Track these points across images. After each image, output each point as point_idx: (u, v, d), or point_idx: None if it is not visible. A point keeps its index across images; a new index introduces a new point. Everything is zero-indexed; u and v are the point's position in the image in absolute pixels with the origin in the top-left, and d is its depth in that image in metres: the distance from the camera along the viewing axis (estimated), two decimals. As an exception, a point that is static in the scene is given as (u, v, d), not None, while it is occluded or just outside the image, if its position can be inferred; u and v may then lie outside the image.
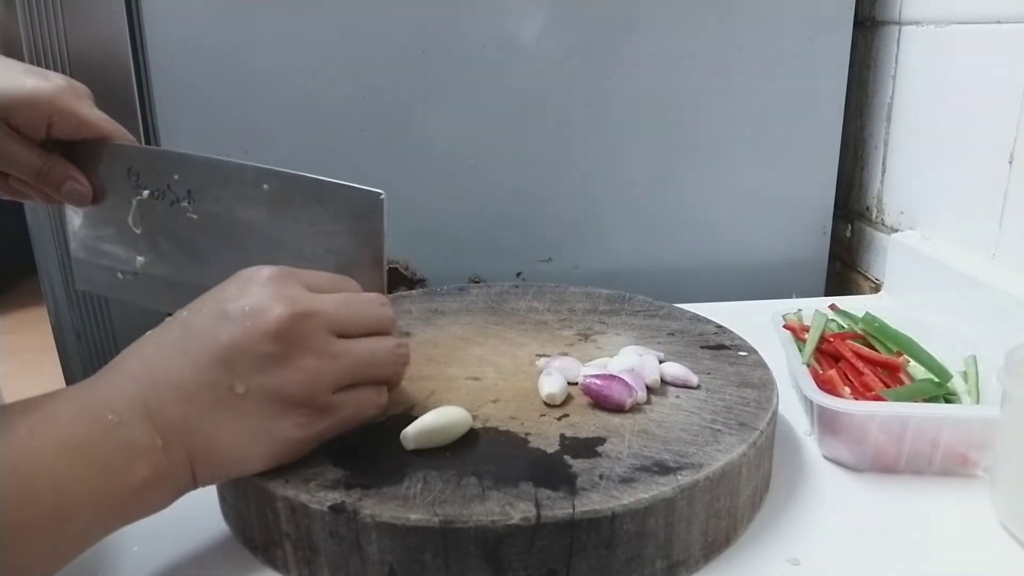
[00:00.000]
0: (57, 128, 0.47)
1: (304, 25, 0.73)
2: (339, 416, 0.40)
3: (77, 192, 0.50)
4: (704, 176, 0.83)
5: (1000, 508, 0.45)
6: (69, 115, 0.47)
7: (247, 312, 0.37)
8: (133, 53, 0.71)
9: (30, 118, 0.46)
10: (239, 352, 0.37)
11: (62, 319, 0.78)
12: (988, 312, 0.63)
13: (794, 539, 0.44)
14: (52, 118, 0.47)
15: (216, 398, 0.37)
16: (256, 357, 0.37)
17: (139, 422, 0.35)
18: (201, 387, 0.37)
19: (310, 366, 0.38)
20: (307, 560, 0.39)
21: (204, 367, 0.37)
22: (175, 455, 0.36)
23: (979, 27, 0.68)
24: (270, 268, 0.40)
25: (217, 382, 0.37)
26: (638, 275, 0.84)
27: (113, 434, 0.35)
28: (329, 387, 0.39)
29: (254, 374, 0.37)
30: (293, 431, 0.39)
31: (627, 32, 0.77)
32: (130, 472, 0.35)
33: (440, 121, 0.78)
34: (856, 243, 0.90)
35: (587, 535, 0.37)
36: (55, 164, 0.49)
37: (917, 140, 0.78)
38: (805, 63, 0.81)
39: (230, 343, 0.37)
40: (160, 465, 0.36)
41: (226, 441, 0.37)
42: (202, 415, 0.37)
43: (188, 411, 0.36)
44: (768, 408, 0.46)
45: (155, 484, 0.36)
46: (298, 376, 0.38)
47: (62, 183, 0.49)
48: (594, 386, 0.47)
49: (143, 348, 0.38)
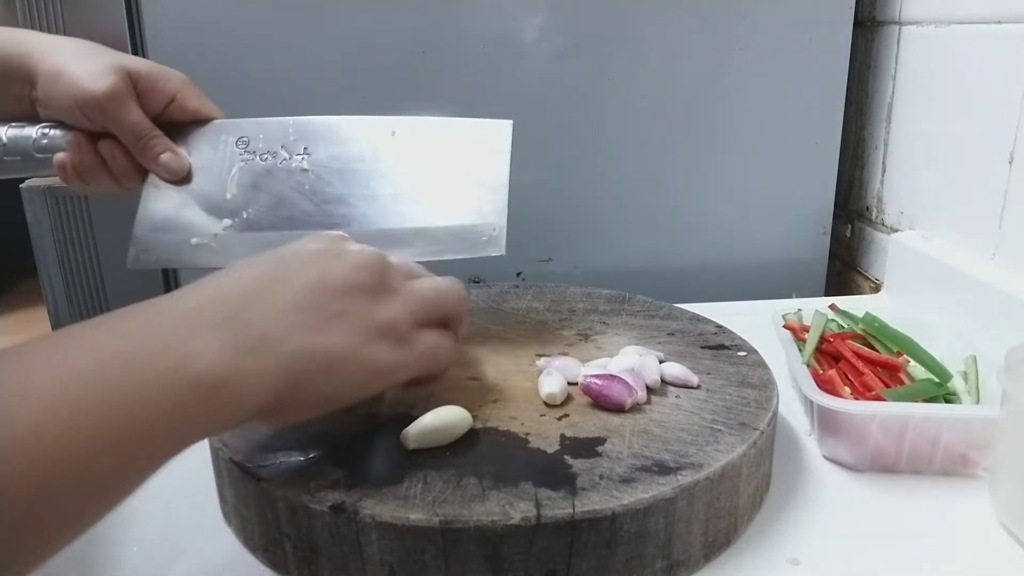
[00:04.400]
0: (176, 106, 0.53)
1: (304, 25, 0.73)
2: (419, 351, 0.41)
3: (176, 162, 0.53)
4: (704, 176, 0.83)
5: (1000, 508, 0.45)
6: (194, 97, 0.54)
7: (352, 252, 0.40)
8: (133, 52, 0.71)
9: (159, 88, 0.52)
10: (333, 277, 0.38)
11: (62, 319, 0.78)
12: (988, 312, 0.63)
13: (794, 539, 0.44)
14: (178, 95, 0.53)
15: (319, 317, 0.37)
16: (348, 282, 0.38)
17: (224, 326, 0.33)
18: (304, 306, 0.37)
19: (392, 296, 0.40)
20: (307, 560, 0.39)
21: (311, 287, 0.37)
22: (261, 362, 0.34)
23: (979, 27, 0.68)
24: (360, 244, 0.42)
25: (322, 303, 0.37)
26: (638, 275, 0.84)
27: (185, 338, 0.32)
28: (408, 317, 0.40)
29: (347, 297, 0.38)
30: (381, 354, 0.39)
31: (627, 32, 0.77)
32: (201, 370, 0.31)
33: (440, 121, 0.78)
34: (856, 243, 0.90)
35: (587, 535, 0.37)
36: (159, 135, 0.53)
37: (917, 140, 0.78)
38: (805, 63, 0.81)
39: (327, 268, 0.38)
40: (239, 367, 0.33)
41: (318, 353, 0.36)
42: (297, 329, 0.36)
43: (288, 324, 0.36)
44: (768, 408, 0.46)
45: (228, 389, 0.32)
46: (383, 303, 0.40)
47: (162, 153, 0.53)
48: (594, 386, 0.47)
49: (230, 276, 0.37)
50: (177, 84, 0.53)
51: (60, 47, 0.51)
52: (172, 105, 0.53)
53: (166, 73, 0.53)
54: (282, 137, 0.53)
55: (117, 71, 0.50)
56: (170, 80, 0.53)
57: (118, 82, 0.50)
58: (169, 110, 0.53)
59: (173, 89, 0.53)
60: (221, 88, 0.73)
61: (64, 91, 0.50)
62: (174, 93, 0.53)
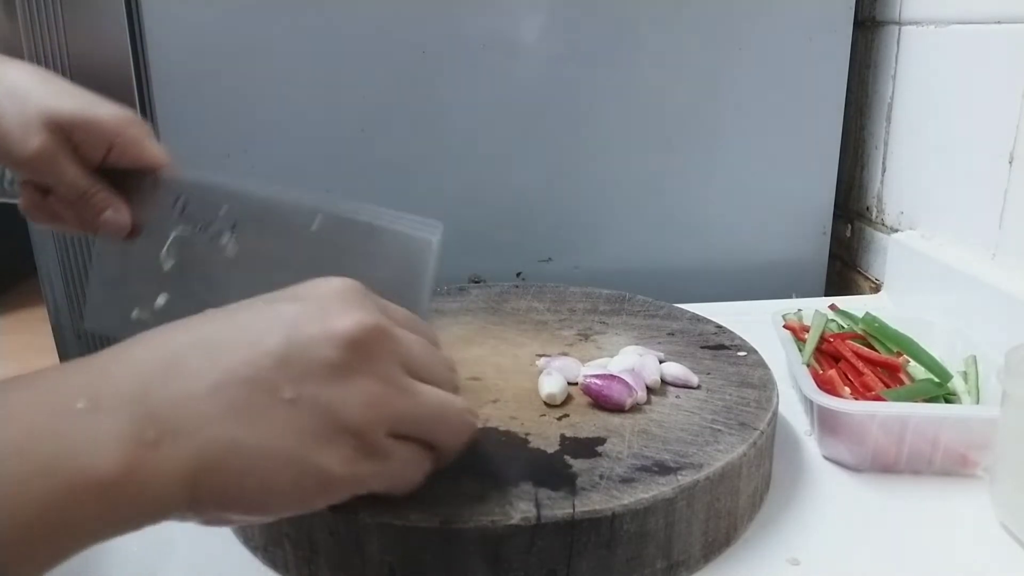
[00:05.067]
0: (115, 154, 0.47)
1: (304, 26, 0.73)
2: (385, 467, 0.33)
3: (115, 221, 0.48)
4: (704, 176, 0.83)
5: (1000, 508, 0.45)
6: (132, 144, 0.47)
7: (324, 306, 0.32)
8: (133, 53, 0.71)
9: (92, 139, 0.46)
10: (300, 350, 0.31)
11: (62, 319, 0.78)
12: (988, 312, 0.63)
13: (794, 539, 0.44)
14: (115, 143, 0.47)
15: (253, 398, 0.29)
16: (319, 361, 0.31)
17: (125, 410, 0.27)
18: (237, 381, 0.29)
19: (373, 391, 0.32)
20: (307, 560, 0.39)
21: (249, 360, 0.30)
22: (170, 457, 0.28)
23: (979, 27, 0.68)
24: (346, 279, 0.34)
25: (260, 379, 0.30)
26: (638, 275, 0.84)
27: (72, 424, 0.26)
28: (387, 424, 0.32)
29: (310, 380, 0.30)
30: (334, 465, 0.31)
31: (627, 32, 0.77)
32: (89, 468, 0.26)
33: (440, 121, 0.78)
34: (856, 243, 0.90)
35: (587, 535, 0.37)
36: (100, 190, 0.48)
37: (917, 140, 0.78)
38: (805, 63, 0.81)
39: (290, 338, 0.31)
40: (141, 465, 0.27)
41: (250, 454, 0.29)
42: (227, 416, 0.29)
43: (210, 407, 0.29)
44: (768, 408, 0.46)
45: (128, 488, 0.27)
46: (358, 398, 0.31)
47: (103, 210, 0.48)
48: (594, 386, 0.47)
49: (164, 334, 0.31)
50: (112, 130, 0.47)
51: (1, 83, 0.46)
52: (111, 153, 0.47)
53: (100, 120, 0.46)
54: (214, 205, 0.48)
55: (47, 125, 0.45)
56: (105, 129, 0.46)
57: (47, 141, 0.45)
58: (109, 157, 0.47)
59: (110, 136, 0.47)
60: (221, 88, 0.74)
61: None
62: (111, 140, 0.47)
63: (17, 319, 2.39)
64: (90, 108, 0.46)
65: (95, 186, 0.48)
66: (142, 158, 0.48)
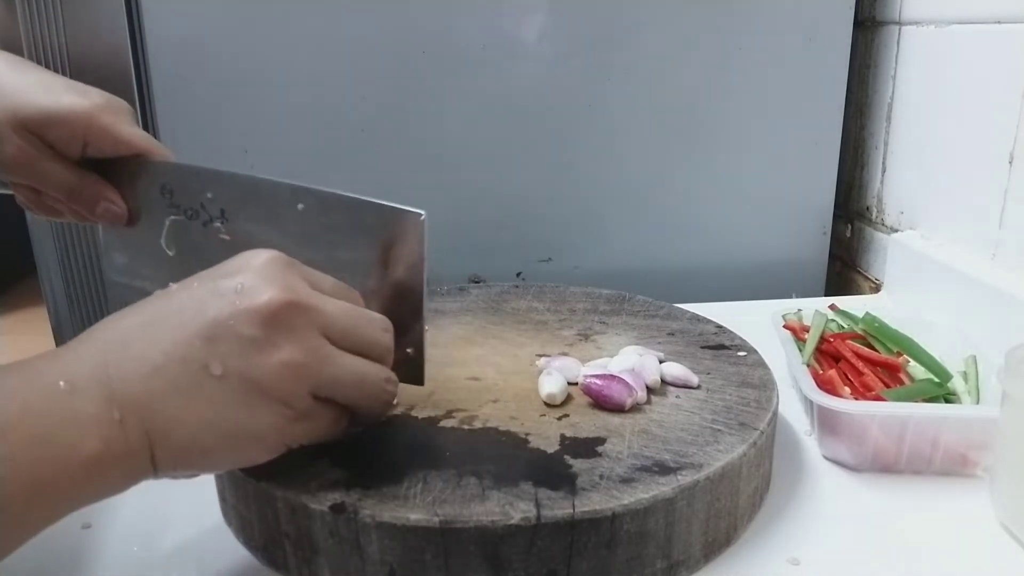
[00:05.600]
0: (92, 146, 0.46)
1: (304, 25, 0.73)
2: (311, 426, 0.37)
3: (111, 212, 0.48)
4: (704, 176, 0.83)
5: (1000, 508, 0.45)
6: (105, 133, 0.45)
7: (239, 290, 0.35)
8: (133, 53, 0.71)
9: (65, 135, 0.45)
10: (222, 329, 0.34)
11: (62, 319, 0.78)
12: (988, 312, 0.63)
13: (794, 539, 0.44)
14: (87, 136, 0.45)
15: (188, 376, 0.33)
16: (240, 339, 0.34)
17: (95, 391, 0.32)
18: (173, 361, 0.33)
19: (294, 361, 0.35)
20: (307, 560, 0.39)
21: (181, 340, 0.34)
22: (132, 432, 0.32)
23: (979, 27, 0.68)
24: (271, 252, 0.37)
25: (192, 358, 0.34)
26: (638, 275, 0.84)
27: (60, 404, 0.31)
28: (309, 389, 0.36)
29: (234, 356, 0.34)
30: (266, 431, 0.35)
31: (627, 32, 0.77)
32: (77, 447, 0.31)
33: (440, 121, 0.78)
34: (856, 243, 0.90)
35: (587, 535, 0.37)
36: (89, 183, 0.47)
37: (917, 140, 0.78)
38: (805, 63, 0.81)
39: (214, 319, 0.34)
40: (114, 441, 0.32)
41: (191, 426, 0.34)
42: (169, 392, 0.33)
43: (154, 385, 0.33)
44: (768, 408, 0.46)
45: (107, 462, 0.32)
46: (279, 369, 0.34)
47: (96, 203, 0.47)
48: (594, 386, 0.47)
49: (121, 318, 0.35)
50: (83, 125, 0.45)
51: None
52: (88, 148, 0.46)
53: (68, 114, 0.44)
54: (199, 191, 0.47)
55: (17, 131, 0.44)
56: (74, 124, 0.44)
57: (20, 147, 0.44)
58: (87, 151, 0.46)
59: (81, 132, 0.45)
60: (222, 88, 0.74)
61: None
62: (83, 136, 0.45)
63: (17, 319, 2.39)
64: (56, 103, 0.44)
65: (83, 180, 0.47)
66: (119, 146, 0.46)
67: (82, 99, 0.45)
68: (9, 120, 0.43)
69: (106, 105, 0.46)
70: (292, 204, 0.45)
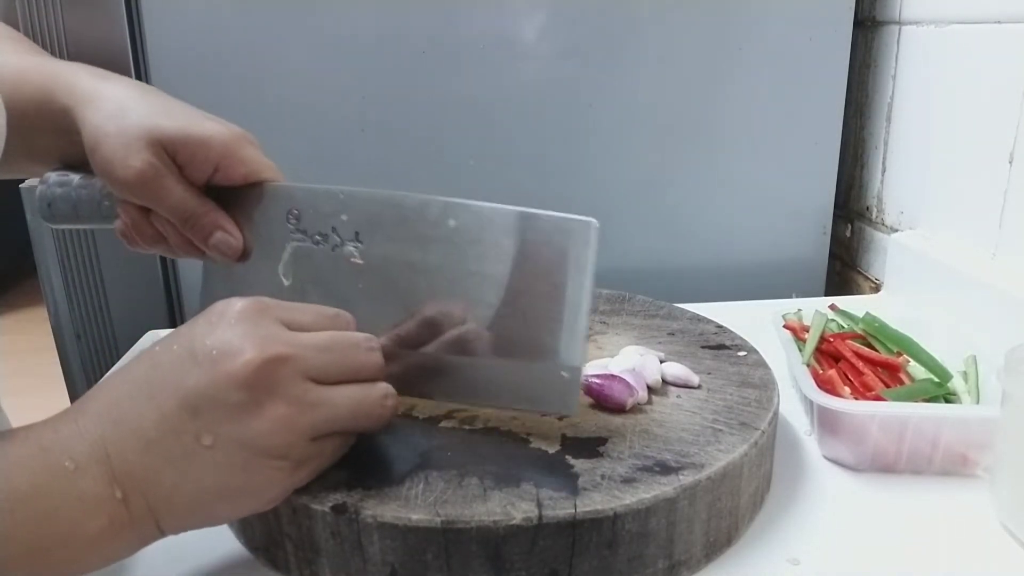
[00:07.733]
0: (223, 173, 0.45)
1: (304, 25, 0.73)
2: (315, 465, 0.38)
3: (226, 243, 0.46)
4: (704, 176, 0.83)
5: (1000, 508, 0.45)
6: (239, 160, 0.45)
7: (214, 355, 0.34)
8: (133, 52, 0.71)
9: (199, 157, 0.44)
10: (205, 400, 0.34)
11: (62, 319, 0.78)
12: (988, 312, 0.63)
13: (794, 539, 0.44)
14: (221, 162, 0.44)
15: (181, 448, 0.34)
16: (224, 406, 0.34)
17: (97, 470, 0.33)
18: (164, 435, 0.34)
19: (283, 415, 0.34)
20: (308, 561, 0.39)
21: (168, 414, 0.34)
22: (135, 507, 0.34)
23: (979, 27, 0.68)
24: (243, 301, 0.36)
25: (182, 431, 0.34)
26: (638, 275, 0.84)
27: (68, 483, 0.33)
28: (305, 437, 0.36)
29: (222, 424, 0.34)
30: (266, 486, 0.36)
31: (627, 32, 0.77)
32: (85, 524, 0.33)
33: (440, 121, 0.78)
34: (856, 243, 0.90)
35: (589, 535, 0.37)
36: (208, 210, 0.45)
37: (917, 140, 0.78)
38: (805, 63, 0.81)
39: (195, 389, 0.34)
40: (118, 516, 0.33)
41: (191, 494, 0.34)
42: (165, 466, 0.34)
43: (150, 460, 0.34)
44: (769, 408, 0.46)
45: (113, 536, 0.34)
46: (270, 426, 0.34)
47: (212, 232, 0.45)
48: (595, 386, 0.47)
49: (111, 385, 0.36)
50: (220, 151, 0.44)
51: (103, 101, 0.44)
52: (217, 175, 0.45)
53: (206, 138, 0.44)
54: (332, 214, 0.45)
55: (151, 146, 0.43)
56: (212, 148, 0.44)
57: (149, 162, 0.43)
58: (215, 178, 0.45)
59: (216, 158, 0.44)
60: (221, 89, 0.74)
61: (99, 168, 0.43)
62: (217, 161, 0.44)
63: (17, 319, 2.39)
64: (195, 126, 0.44)
65: (203, 207, 0.45)
66: (250, 174, 0.46)
67: (222, 127, 0.45)
68: (144, 135, 0.43)
69: (243, 135, 0.46)
70: (443, 221, 0.43)
